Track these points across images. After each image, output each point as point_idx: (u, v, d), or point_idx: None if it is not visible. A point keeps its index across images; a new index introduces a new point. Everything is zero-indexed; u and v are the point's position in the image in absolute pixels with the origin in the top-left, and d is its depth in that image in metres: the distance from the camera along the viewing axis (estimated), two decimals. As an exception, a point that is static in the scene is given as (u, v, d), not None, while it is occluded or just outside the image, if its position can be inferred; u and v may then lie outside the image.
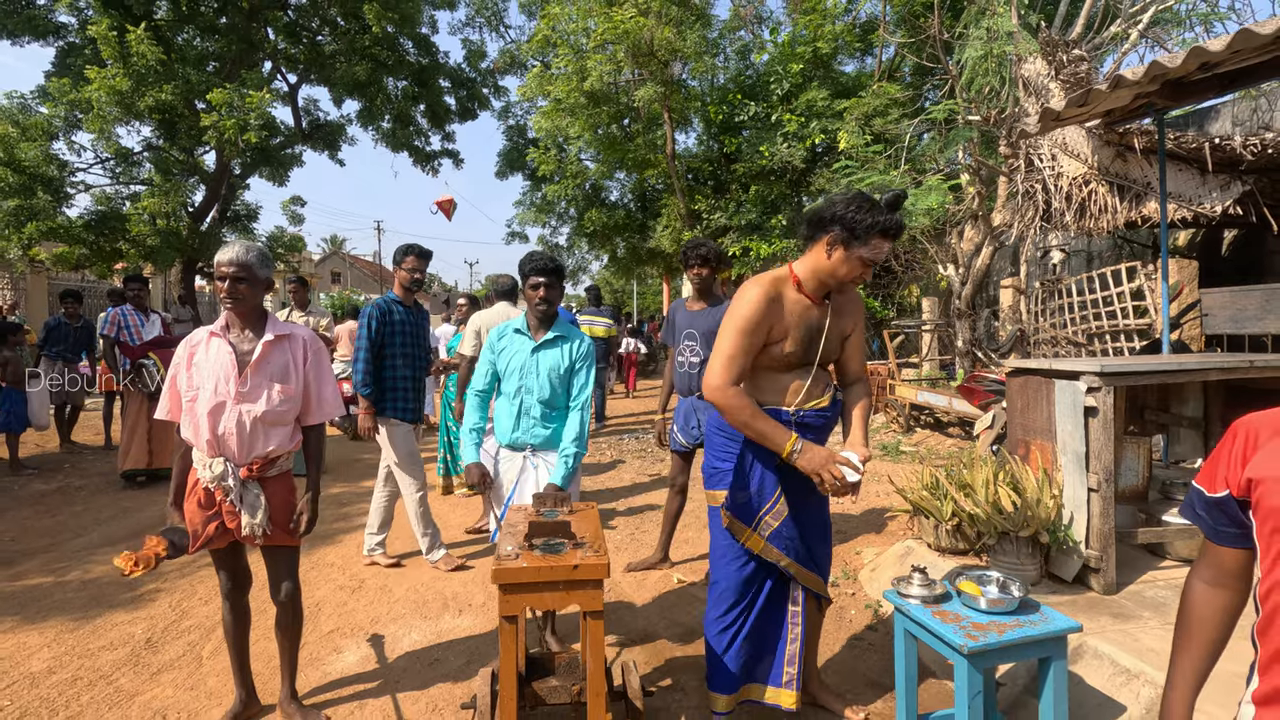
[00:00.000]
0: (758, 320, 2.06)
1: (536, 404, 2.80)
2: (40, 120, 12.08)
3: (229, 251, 2.31)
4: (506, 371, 2.85)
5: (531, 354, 2.82)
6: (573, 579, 1.86)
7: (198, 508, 2.35)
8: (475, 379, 2.94)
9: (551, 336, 2.83)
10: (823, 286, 2.14)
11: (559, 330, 2.85)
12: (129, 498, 5.58)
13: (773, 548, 2.23)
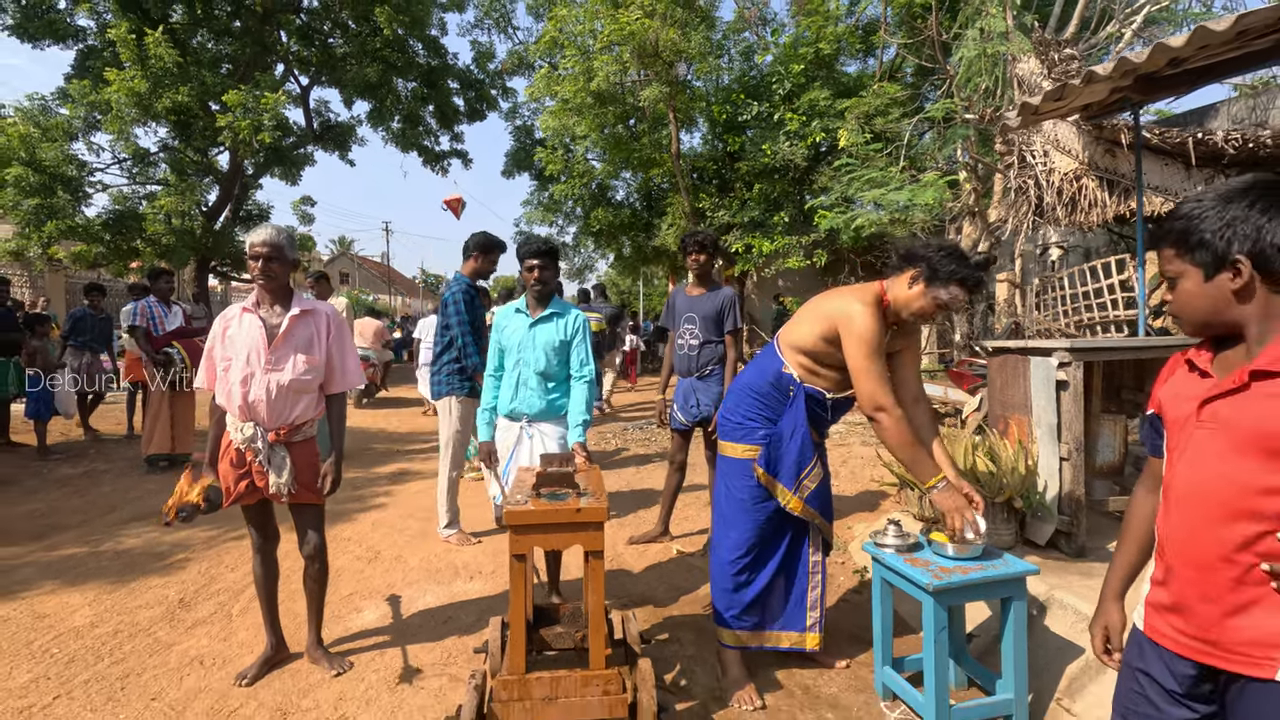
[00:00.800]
0: (881, 337, 2.29)
1: (533, 375, 3.00)
2: (60, 121, 12.40)
3: (262, 233, 2.54)
4: (508, 347, 3.06)
5: (529, 329, 3.01)
6: (575, 521, 2.06)
7: (230, 467, 2.57)
8: (489, 362, 3.15)
9: (547, 313, 3.02)
10: (897, 312, 2.37)
11: (555, 308, 3.04)
12: (152, 480, 5.82)
13: (809, 507, 2.49)
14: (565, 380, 3.05)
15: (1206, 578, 1.19)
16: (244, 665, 2.70)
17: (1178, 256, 1.24)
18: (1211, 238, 1.18)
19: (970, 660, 2.51)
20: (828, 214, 8.85)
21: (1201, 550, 1.20)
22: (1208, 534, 1.19)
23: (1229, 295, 1.19)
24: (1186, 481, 1.23)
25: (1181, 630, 1.23)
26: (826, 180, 10.21)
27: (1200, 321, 1.25)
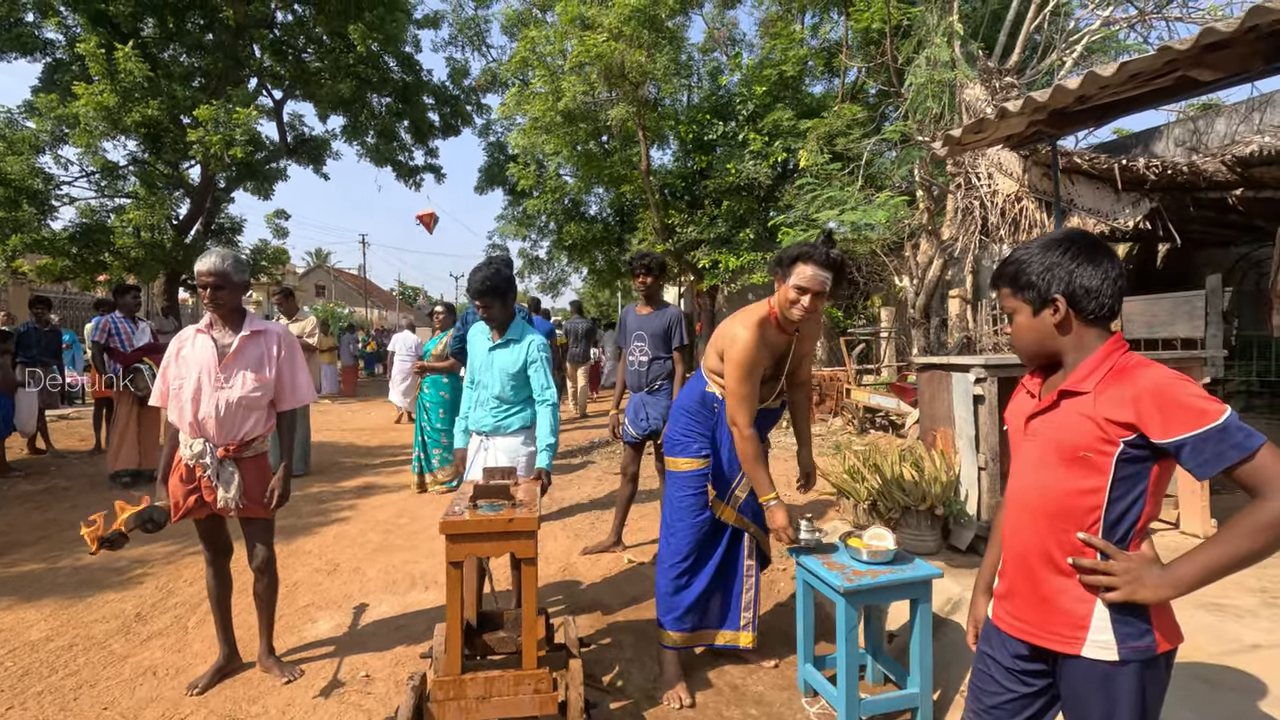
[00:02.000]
0: (755, 361, 2.46)
1: (490, 397, 3.05)
2: (27, 135, 12.31)
3: (206, 261, 2.66)
4: (472, 367, 3.14)
5: (488, 353, 3.07)
6: (508, 530, 2.19)
7: (179, 482, 2.67)
8: (468, 374, 3.21)
9: (504, 340, 3.04)
10: (788, 318, 2.45)
11: (512, 334, 3.05)
12: (116, 496, 5.80)
13: (742, 517, 2.72)
14: (523, 401, 3.07)
15: (1028, 569, 1.38)
16: (197, 674, 2.79)
17: (1012, 295, 1.44)
18: (1036, 279, 1.38)
19: (887, 658, 2.68)
20: (790, 231, 9.10)
21: (1023, 545, 1.39)
22: (1027, 531, 1.38)
23: (1051, 328, 1.39)
24: (1013, 486, 1.43)
25: (1013, 614, 1.42)
26: (790, 198, 10.49)
27: (1031, 351, 1.45)
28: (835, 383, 8.66)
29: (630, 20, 9.54)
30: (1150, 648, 1.27)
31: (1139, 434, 1.24)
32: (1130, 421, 1.25)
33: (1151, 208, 5.31)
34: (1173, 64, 2.98)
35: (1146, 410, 1.23)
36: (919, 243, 8.78)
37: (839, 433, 7.72)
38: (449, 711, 2.17)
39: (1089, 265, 1.34)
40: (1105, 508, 1.29)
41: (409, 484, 6.18)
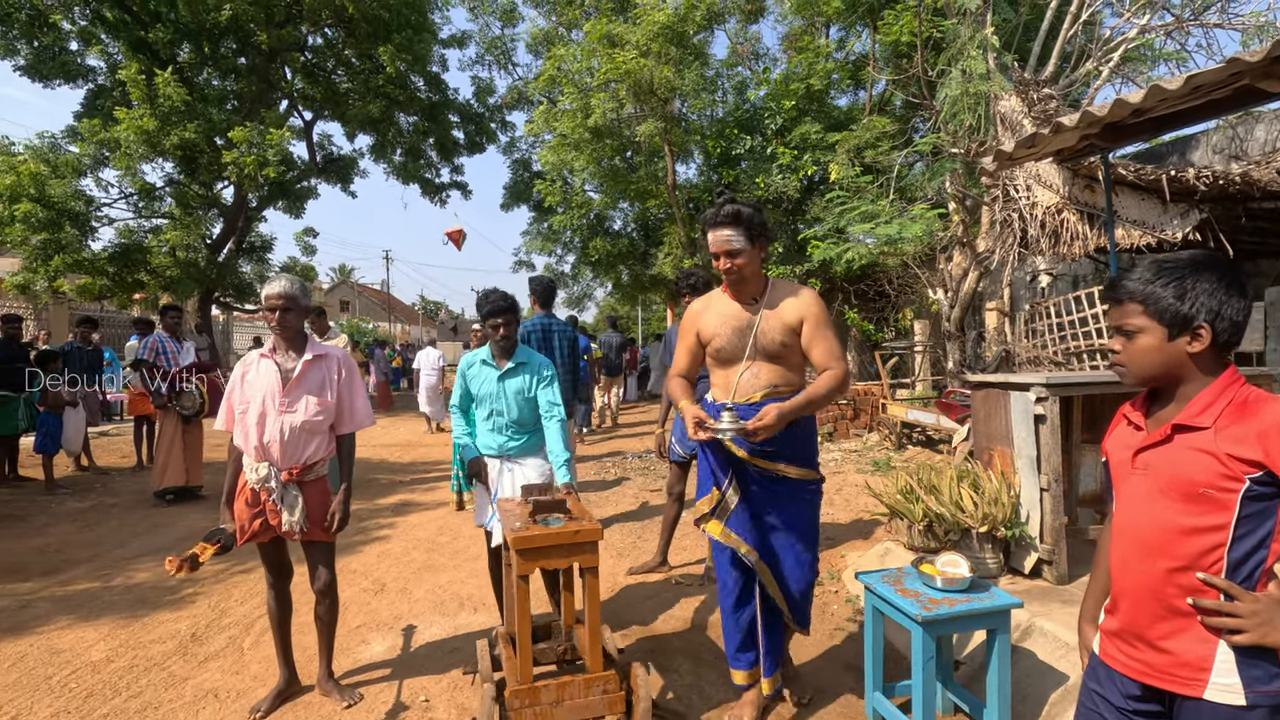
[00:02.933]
0: (686, 326, 2.58)
1: (509, 423, 3.09)
2: (70, 159, 12.67)
3: (277, 285, 2.69)
4: (479, 397, 3.13)
5: (498, 381, 3.08)
6: (575, 542, 2.28)
7: (245, 506, 2.69)
8: (453, 397, 3.26)
9: (513, 365, 3.08)
10: (737, 289, 2.42)
11: (520, 358, 3.10)
12: (161, 514, 5.91)
13: (731, 532, 2.46)
14: (537, 420, 3.14)
15: (1143, 607, 1.33)
16: (257, 698, 2.80)
17: (1143, 314, 1.33)
18: (1181, 303, 1.29)
19: (957, 686, 2.61)
20: (820, 245, 9.05)
21: (1136, 581, 1.34)
22: (1141, 568, 1.33)
23: (1183, 356, 1.31)
24: (1123, 521, 1.38)
25: (1125, 653, 1.36)
26: (818, 211, 10.45)
27: (1148, 376, 1.38)
28: (870, 397, 8.56)
29: (658, 37, 9.61)
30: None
31: (1266, 471, 1.20)
32: (1257, 459, 1.20)
33: (1201, 218, 5.20)
34: (1237, 75, 2.92)
35: (1276, 446, 1.18)
36: (952, 255, 8.69)
37: (876, 448, 7.62)
38: (525, 717, 2.24)
39: (1237, 295, 1.27)
40: (1228, 546, 1.24)
41: (446, 501, 6.20)
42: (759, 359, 2.42)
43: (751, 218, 2.33)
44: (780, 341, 2.38)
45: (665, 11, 9.46)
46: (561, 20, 14.17)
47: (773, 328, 2.38)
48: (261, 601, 3.85)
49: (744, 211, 2.33)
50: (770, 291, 2.43)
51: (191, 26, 12.97)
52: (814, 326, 2.38)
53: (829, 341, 2.39)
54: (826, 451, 7.75)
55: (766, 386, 2.41)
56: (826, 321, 2.41)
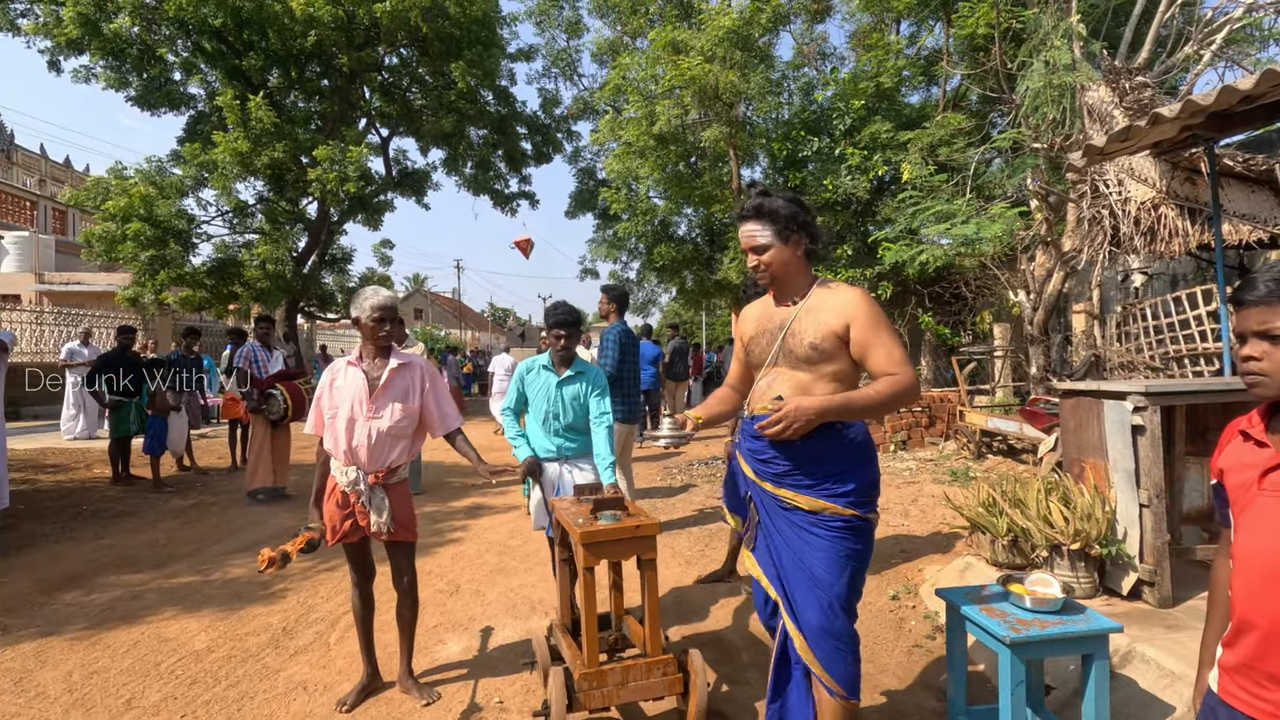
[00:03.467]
0: (736, 329, 2.35)
1: (564, 427, 3.36)
2: (174, 180, 13.68)
3: (383, 296, 2.83)
4: (534, 400, 3.40)
5: (557, 388, 3.35)
6: (636, 535, 2.48)
7: (336, 508, 2.82)
8: (506, 400, 3.51)
9: (571, 373, 3.37)
10: (776, 290, 2.17)
11: (578, 367, 3.40)
12: (253, 512, 6.28)
13: (755, 562, 2.17)
14: (589, 424, 3.40)
15: (1271, 640, 1.22)
16: (343, 692, 2.92)
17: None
18: None
19: (1049, 714, 2.47)
20: (892, 246, 8.79)
21: (1270, 616, 1.23)
22: (1271, 597, 1.22)
23: None
24: (1251, 548, 1.26)
25: (1253, 693, 1.25)
26: (889, 212, 10.15)
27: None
28: (946, 404, 8.24)
29: (723, 42, 9.57)
30: None
31: None
32: None
33: (1321, 211, 4.76)
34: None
35: None
36: (1035, 255, 8.27)
37: (953, 457, 7.32)
38: (594, 698, 2.42)
39: None
40: None
41: (517, 505, 6.33)
42: (781, 364, 2.10)
43: (778, 210, 2.06)
44: (810, 344, 2.01)
45: (731, 16, 9.42)
46: (626, 29, 14.32)
47: (804, 329, 2.03)
48: (344, 600, 4.03)
49: (768, 204, 2.07)
50: (814, 291, 2.10)
51: (280, 53, 13.78)
52: (865, 329, 1.99)
53: (887, 346, 1.98)
54: (900, 460, 7.50)
55: (774, 398, 2.05)
56: (882, 323, 2.01)
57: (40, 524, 5.78)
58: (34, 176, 25.59)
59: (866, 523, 2.04)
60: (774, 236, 2.07)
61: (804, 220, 2.09)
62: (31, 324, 15.43)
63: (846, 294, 2.06)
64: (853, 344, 2.01)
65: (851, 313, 2.01)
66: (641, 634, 2.73)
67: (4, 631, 3.62)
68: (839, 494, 2.01)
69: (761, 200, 2.09)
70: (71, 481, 7.55)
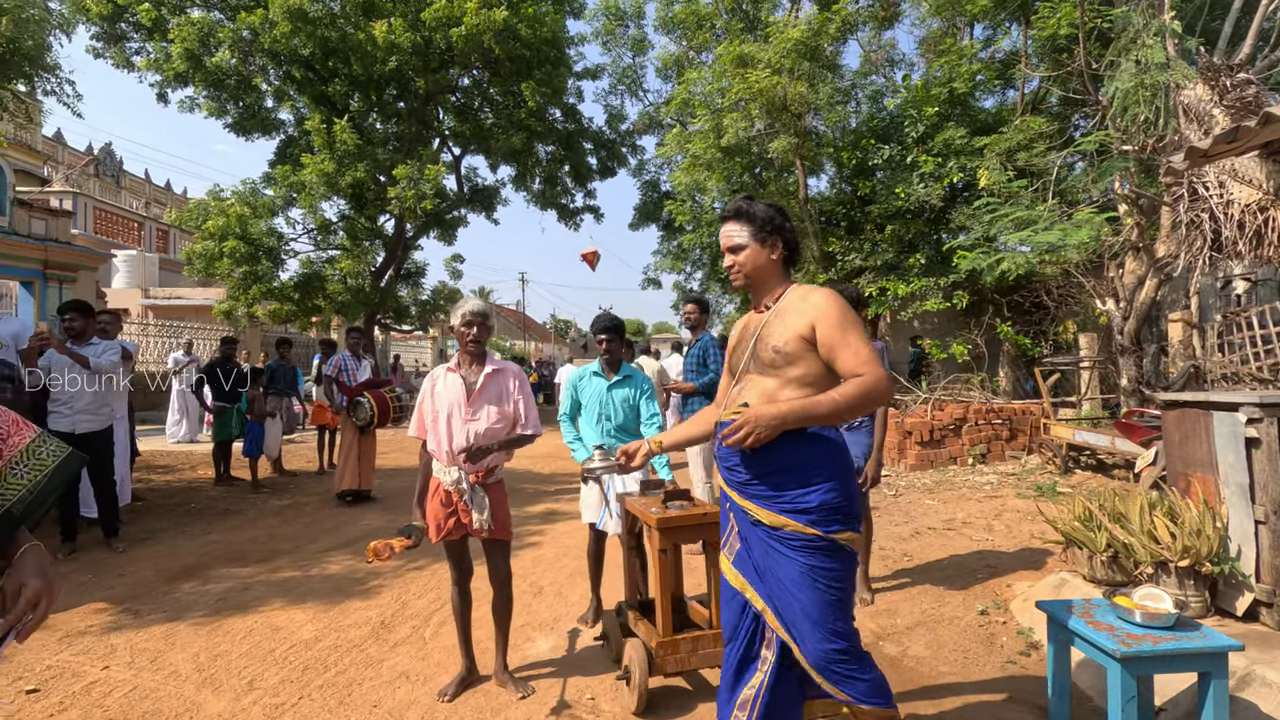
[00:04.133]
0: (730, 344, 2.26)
1: (615, 428, 3.62)
2: (266, 201, 14.61)
3: (474, 304, 3.00)
4: (587, 404, 3.69)
5: (608, 391, 3.63)
6: (703, 521, 2.80)
7: (440, 506, 2.98)
8: (561, 407, 3.83)
9: (620, 377, 3.64)
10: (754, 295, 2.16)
11: (626, 372, 3.68)
12: (343, 513, 6.62)
13: (738, 572, 2.07)
14: (639, 425, 3.65)
15: None
16: (442, 683, 3.07)
17: None
18: None
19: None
20: (968, 254, 8.57)
21: None
22: None
23: None
24: None
25: None
26: (964, 220, 9.90)
27: None
28: (1028, 416, 7.95)
29: (791, 53, 9.58)
30: None
31: None
32: None
33: None
34: None
35: None
36: (1125, 261, 7.91)
37: (1037, 472, 7.06)
38: (669, 663, 2.75)
39: None
40: None
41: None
42: (751, 370, 2.06)
43: (756, 213, 2.07)
44: (774, 348, 1.97)
45: (799, 28, 9.43)
46: (692, 44, 14.49)
47: (772, 334, 2.00)
48: (434, 597, 4.22)
49: (747, 207, 2.09)
50: (786, 295, 2.06)
51: (362, 78, 14.56)
52: (831, 328, 1.91)
53: (854, 345, 1.89)
54: (979, 473, 7.28)
55: (740, 404, 2.02)
56: (848, 323, 1.93)
57: (156, 519, 6.26)
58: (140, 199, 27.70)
59: (832, 543, 1.90)
60: (750, 237, 2.07)
61: (780, 225, 2.09)
62: (138, 335, 16.68)
63: (814, 295, 2.01)
64: (819, 345, 1.94)
65: (816, 314, 1.95)
66: (704, 614, 3.00)
67: (136, 615, 3.95)
68: (800, 510, 1.91)
69: (741, 203, 2.13)
70: (179, 481, 8.13)
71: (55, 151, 23.88)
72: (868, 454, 3.87)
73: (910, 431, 7.77)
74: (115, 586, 4.44)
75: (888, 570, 4.52)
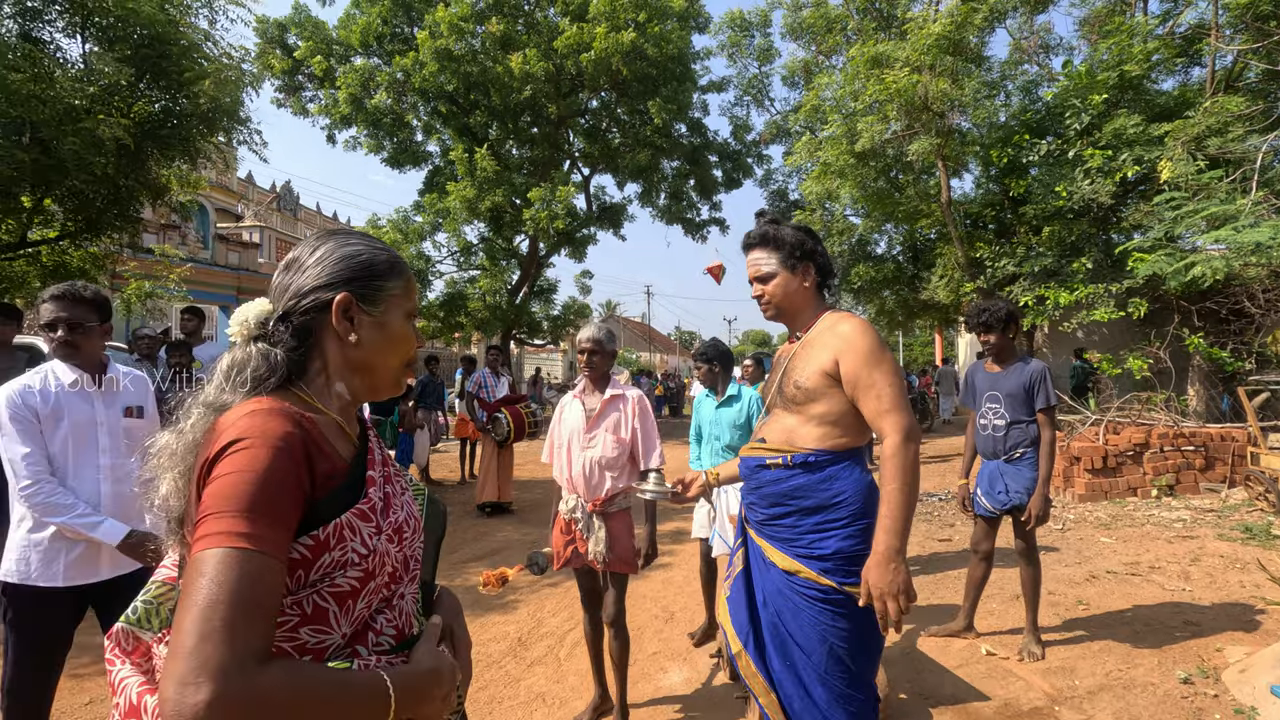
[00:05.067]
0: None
1: (722, 448, 3.70)
2: (416, 227, 15.85)
3: (587, 331, 2.98)
4: (700, 423, 3.90)
5: (715, 410, 3.80)
6: None
7: (560, 534, 2.96)
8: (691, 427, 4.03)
9: (727, 397, 3.77)
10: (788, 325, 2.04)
11: (733, 391, 3.78)
12: (483, 524, 6.93)
13: (727, 615, 1.99)
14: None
15: None
16: (576, 709, 3.07)
17: None
18: None
19: None
20: (1146, 257, 7.58)
21: None
22: None
23: None
24: None
25: None
26: (1139, 218, 8.79)
27: None
28: (1229, 443, 6.86)
29: (931, 49, 9.00)
30: None
31: None
32: None
33: None
34: None
35: None
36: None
37: (1242, 509, 6.05)
38: None
39: None
40: None
41: (720, 533, 6.32)
42: (777, 405, 1.97)
43: (784, 238, 1.94)
44: (796, 383, 1.87)
45: (941, 21, 8.84)
46: (821, 49, 14.06)
47: (797, 367, 1.90)
48: (568, 616, 4.26)
49: (774, 231, 1.95)
50: (817, 325, 1.95)
51: (500, 108, 15.45)
52: (857, 364, 1.79)
53: (879, 386, 1.77)
54: (1167, 508, 6.36)
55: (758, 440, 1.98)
56: (877, 359, 1.79)
57: (323, 523, 6.86)
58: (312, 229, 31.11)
59: (849, 598, 1.75)
60: (779, 264, 1.94)
61: (812, 249, 1.96)
62: (310, 352, 18.62)
63: (843, 326, 1.87)
64: (844, 381, 1.81)
65: (843, 347, 1.82)
66: None
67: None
68: (815, 556, 1.79)
69: (768, 228, 1.97)
70: (341, 487, 8.90)
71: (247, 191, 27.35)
72: (1030, 488, 3.47)
73: (1078, 457, 6.94)
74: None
75: (1059, 620, 4.02)
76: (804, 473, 1.84)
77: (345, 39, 15.73)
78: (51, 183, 5.88)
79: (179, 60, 6.12)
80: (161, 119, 6.31)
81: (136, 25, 5.90)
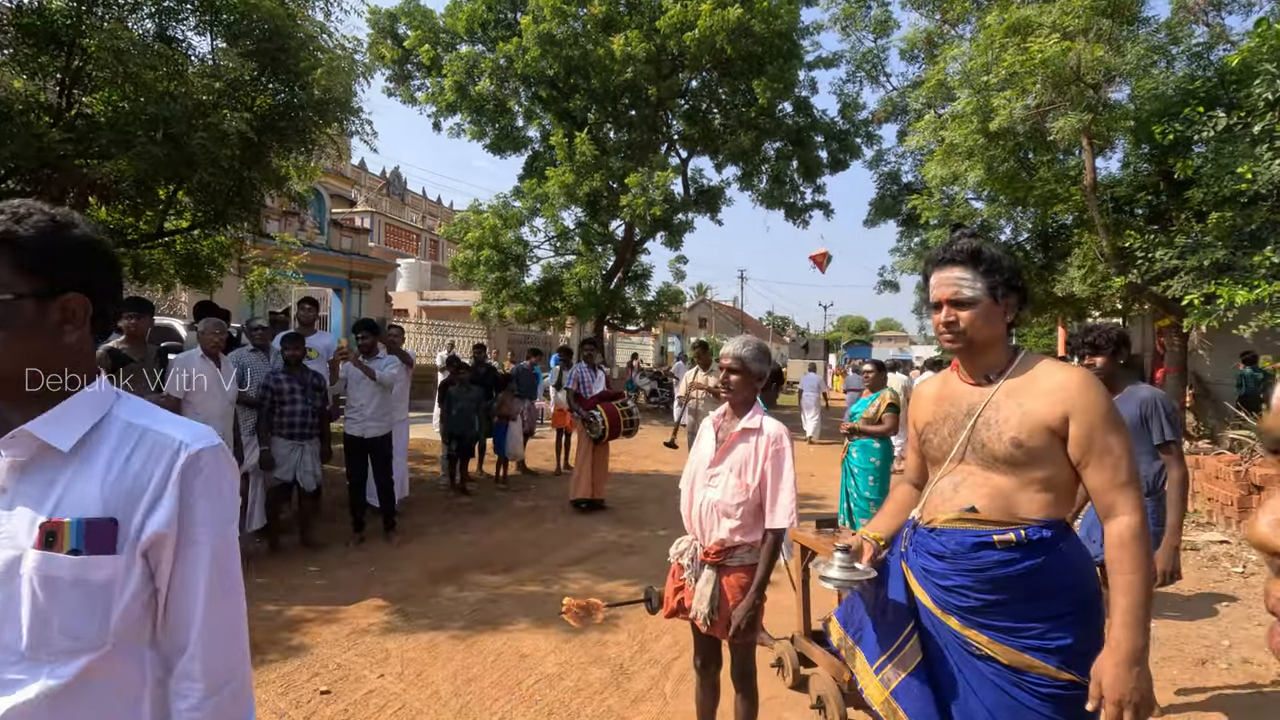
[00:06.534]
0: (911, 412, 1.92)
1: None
2: (515, 212, 15.98)
3: (729, 346, 2.57)
4: None
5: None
6: None
7: (671, 579, 2.59)
8: None
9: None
10: (965, 359, 1.72)
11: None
12: (579, 522, 6.79)
13: (899, 708, 1.68)
14: None
15: None
16: (687, 762, 2.78)
17: None
18: None
19: None
20: (1357, 252, 6.36)
21: None
22: None
23: None
24: None
25: None
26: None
27: None
28: None
29: (1085, 11, 7.93)
30: None
31: None
32: None
33: None
34: None
35: None
36: None
37: None
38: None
39: None
40: None
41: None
42: (970, 461, 1.65)
43: (999, 260, 1.64)
44: (1013, 440, 1.56)
45: (1099, -22, 7.76)
46: (948, 17, 12.89)
47: (1004, 419, 1.59)
48: (673, 641, 3.98)
49: (987, 250, 1.64)
50: (1016, 367, 1.65)
51: (599, 92, 15.23)
52: (1092, 427, 1.52)
53: (1117, 455, 1.51)
54: None
55: (964, 508, 1.62)
56: (1113, 420, 1.54)
57: (423, 515, 6.93)
58: (419, 213, 32.33)
59: (1084, 695, 1.50)
60: (985, 291, 1.63)
61: (1022, 280, 1.70)
62: (413, 333, 19.32)
63: (1063, 375, 1.60)
64: (1072, 444, 1.55)
65: (1073, 404, 1.54)
66: None
67: (406, 619, 4.26)
68: (1051, 649, 1.54)
69: (978, 245, 1.65)
70: (439, 474, 9.03)
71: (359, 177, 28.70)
72: (1157, 543, 2.87)
73: (1260, 485, 5.97)
74: (390, 583, 4.88)
75: (1250, 685, 3.35)
76: (1041, 552, 1.55)
77: (452, 26, 15.95)
78: (183, 176, 6.12)
79: (297, 53, 6.21)
80: (281, 111, 6.45)
81: (259, 20, 6.01)
